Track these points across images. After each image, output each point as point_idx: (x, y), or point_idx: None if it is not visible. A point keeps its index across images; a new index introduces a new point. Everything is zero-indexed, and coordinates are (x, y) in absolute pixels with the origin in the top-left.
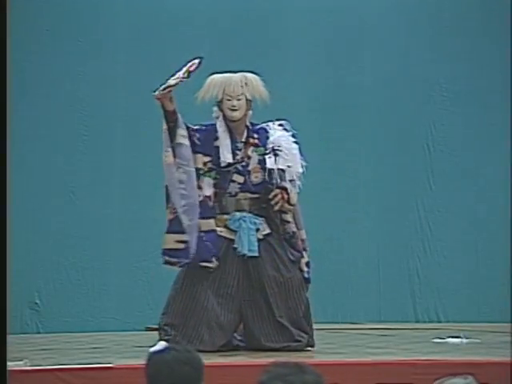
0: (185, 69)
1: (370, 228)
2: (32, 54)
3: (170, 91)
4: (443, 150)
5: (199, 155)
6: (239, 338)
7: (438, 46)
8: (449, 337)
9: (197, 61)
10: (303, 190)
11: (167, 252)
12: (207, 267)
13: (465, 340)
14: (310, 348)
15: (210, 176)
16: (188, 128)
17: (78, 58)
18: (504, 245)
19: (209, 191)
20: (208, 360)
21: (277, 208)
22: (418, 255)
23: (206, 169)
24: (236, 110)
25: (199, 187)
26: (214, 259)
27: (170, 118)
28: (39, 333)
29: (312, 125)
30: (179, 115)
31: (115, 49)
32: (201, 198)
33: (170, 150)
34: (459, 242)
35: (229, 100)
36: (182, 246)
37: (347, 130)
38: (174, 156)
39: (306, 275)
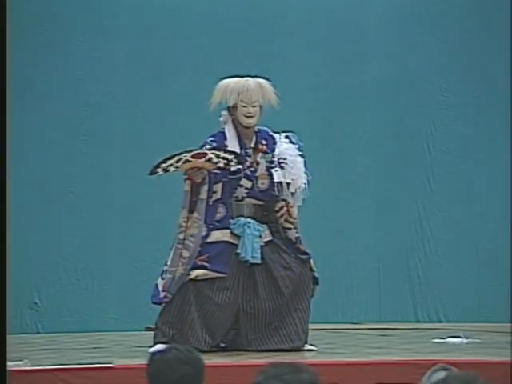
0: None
1: (370, 228)
2: (32, 54)
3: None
4: (443, 150)
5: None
6: (223, 343)
7: (438, 45)
8: (449, 337)
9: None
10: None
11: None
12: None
13: (465, 340)
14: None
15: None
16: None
17: (79, 58)
18: (504, 245)
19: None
20: (208, 360)
21: (282, 220)
22: (418, 255)
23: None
24: (252, 116)
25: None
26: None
27: (197, 185)
28: (39, 333)
29: (311, 125)
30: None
31: (116, 49)
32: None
33: (184, 210)
34: (459, 242)
35: (244, 107)
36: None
37: (347, 130)
38: (191, 212)
39: (316, 275)
